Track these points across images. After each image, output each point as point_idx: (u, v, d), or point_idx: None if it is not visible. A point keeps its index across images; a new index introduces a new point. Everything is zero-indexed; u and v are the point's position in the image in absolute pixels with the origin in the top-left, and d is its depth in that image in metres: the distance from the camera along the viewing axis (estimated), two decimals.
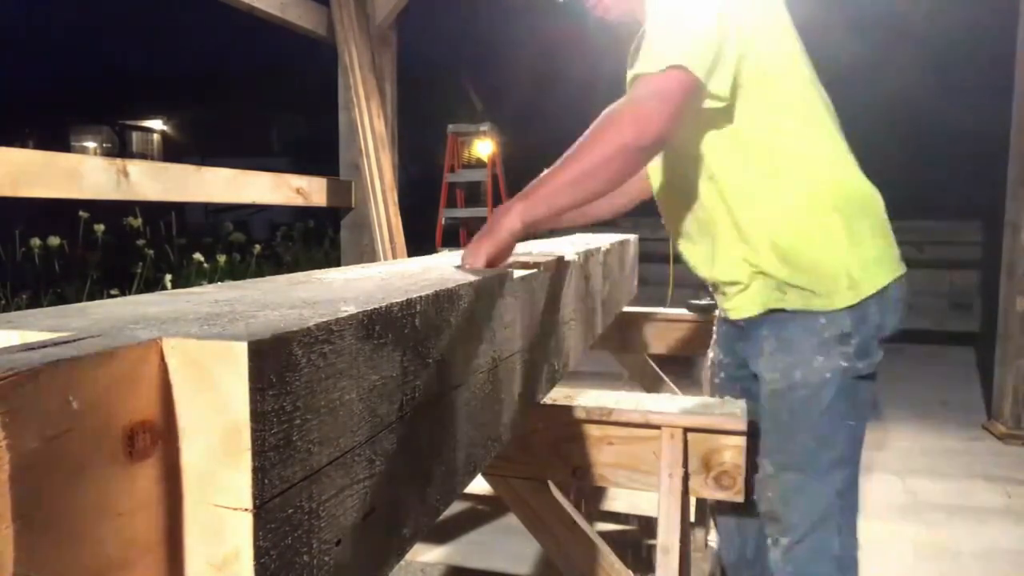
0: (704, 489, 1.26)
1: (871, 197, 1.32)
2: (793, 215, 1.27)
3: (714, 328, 1.61)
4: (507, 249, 1.09)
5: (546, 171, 1.13)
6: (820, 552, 1.29)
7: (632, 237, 2.59)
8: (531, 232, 1.15)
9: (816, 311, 1.26)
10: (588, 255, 1.58)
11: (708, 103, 1.20)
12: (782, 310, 1.29)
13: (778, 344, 1.30)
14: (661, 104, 1.09)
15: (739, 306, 1.35)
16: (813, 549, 1.29)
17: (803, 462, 1.29)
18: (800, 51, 1.29)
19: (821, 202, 1.26)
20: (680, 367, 3.83)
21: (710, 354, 1.61)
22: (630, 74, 1.19)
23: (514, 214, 1.09)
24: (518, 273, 1.05)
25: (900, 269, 1.32)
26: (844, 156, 1.31)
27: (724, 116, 1.23)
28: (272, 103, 19.13)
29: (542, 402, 1.26)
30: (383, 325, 0.62)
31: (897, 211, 1.35)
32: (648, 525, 2.27)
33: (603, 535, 1.37)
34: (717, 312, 1.54)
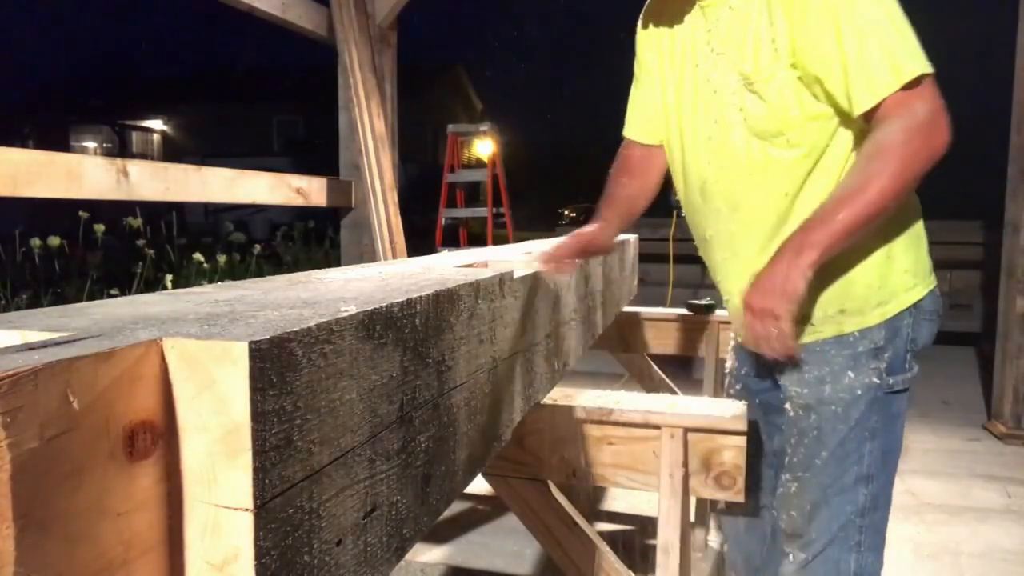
0: (704, 489, 1.26)
1: (911, 208, 1.25)
2: None
3: (731, 335, 1.54)
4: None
5: (828, 209, 1.08)
6: (834, 569, 1.24)
7: (632, 237, 2.59)
8: None
9: (848, 331, 1.22)
10: None
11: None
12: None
13: (807, 356, 1.25)
14: (936, 113, 1.07)
15: None
16: (827, 565, 1.24)
17: (828, 477, 1.24)
18: None
19: None
20: (680, 367, 3.83)
21: (728, 362, 1.55)
22: (866, 96, 1.09)
23: (805, 266, 1.05)
24: (518, 273, 1.05)
25: (933, 281, 1.27)
26: None
27: (826, 124, 1.17)
28: (272, 103, 19.17)
29: (542, 402, 1.26)
30: (383, 325, 0.62)
31: None
32: (648, 525, 2.27)
33: (603, 535, 1.37)
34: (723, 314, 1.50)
